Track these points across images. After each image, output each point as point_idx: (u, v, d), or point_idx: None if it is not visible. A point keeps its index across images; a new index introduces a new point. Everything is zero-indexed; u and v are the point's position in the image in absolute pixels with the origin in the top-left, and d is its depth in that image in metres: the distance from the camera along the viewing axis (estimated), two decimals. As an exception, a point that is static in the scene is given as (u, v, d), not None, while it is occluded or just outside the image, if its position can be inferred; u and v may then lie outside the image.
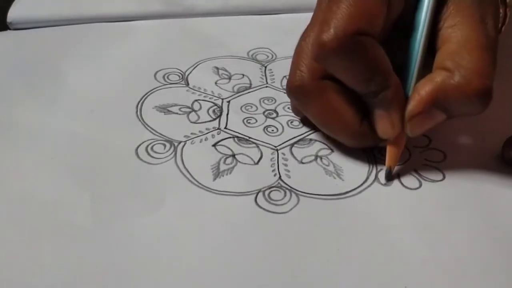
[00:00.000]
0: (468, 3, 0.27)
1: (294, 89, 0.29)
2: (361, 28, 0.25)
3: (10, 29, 0.41)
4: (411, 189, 0.28)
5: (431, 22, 0.27)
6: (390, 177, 0.28)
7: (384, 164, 0.29)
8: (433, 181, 0.28)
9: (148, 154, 0.29)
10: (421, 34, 0.27)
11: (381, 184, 0.28)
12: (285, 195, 0.27)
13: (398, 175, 0.29)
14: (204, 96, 0.34)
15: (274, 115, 0.33)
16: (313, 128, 0.31)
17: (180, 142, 0.30)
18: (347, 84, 0.27)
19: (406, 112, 0.27)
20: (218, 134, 0.31)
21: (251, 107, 0.34)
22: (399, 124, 0.27)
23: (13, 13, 0.41)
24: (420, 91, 0.26)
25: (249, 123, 0.32)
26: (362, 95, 0.27)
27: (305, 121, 0.32)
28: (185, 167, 0.28)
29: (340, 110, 0.28)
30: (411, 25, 0.28)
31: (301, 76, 0.28)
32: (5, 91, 0.34)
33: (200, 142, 0.30)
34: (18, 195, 0.26)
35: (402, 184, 0.28)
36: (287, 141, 0.31)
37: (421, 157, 0.30)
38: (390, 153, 0.28)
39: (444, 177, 0.29)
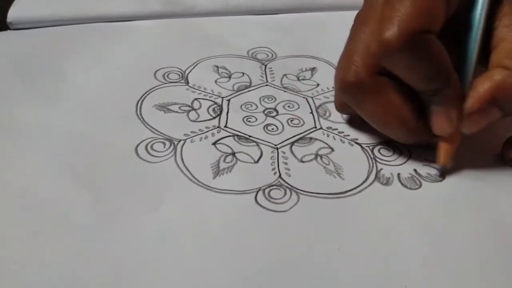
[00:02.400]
0: None
1: (350, 85, 0.28)
2: (425, 26, 0.25)
3: (10, 29, 0.41)
4: (411, 189, 0.28)
5: (486, 21, 0.27)
6: (444, 175, 0.29)
7: (384, 163, 0.29)
8: (433, 181, 0.28)
9: (148, 152, 0.29)
10: (477, 32, 0.27)
11: (381, 183, 0.28)
12: (285, 194, 0.27)
13: (398, 175, 0.29)
14: (204, 95, 0.34)
15: (274, 113, 0.33)
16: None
17: (180, 141, 0.30)
18: (407, 82, 0.27)
19: (465, 109, 0.27)
20: (218, 133, 0.31)
21: (251, 105, 0.34)
22: (456, 121, 0.27)
23: (13, 13, 0.41)
24: (479, 89, 0.26)
25: (249, 121, 0.32)
26: (420, 92, 0.27)
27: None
28: (185, 165, 0.28)
29: (398, 106, 0.28)
30: (465, 24, 0.28)
31: (356, 71, 0.28)
32: (5, 91, 0.34)
33: (200, 140, 0.30)
34: (18, 193, 0.26)
35: (402, 184, 0.28)
36: (287, 139, 0.31)
37: (421, 157, 0.30)
38: (444, 150, 0.28)
39: (444, 177, 0.29)
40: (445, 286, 0.23)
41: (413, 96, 0.28)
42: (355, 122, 0.32)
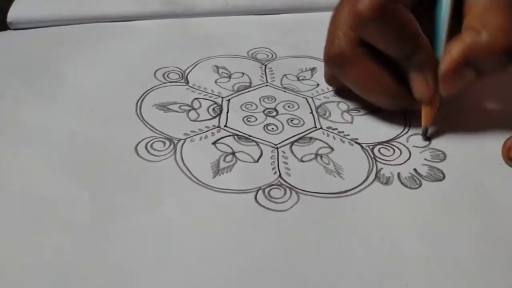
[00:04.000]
0: None
1: (334, 57, 0.30)
2: None
3: (10, 29, 0.41)
4: (411, 188, 0.28)
5: None
6: (426, 136, 0.31)
7: (384, 163, 0.29)
8: (433, 180, 0.28)
9: (148, 151, 0.29)
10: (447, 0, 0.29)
11: (381, 183, 0.28)
12: (285, 193, 0.27)
13: (398, 175, 0.29)
14: (204, 95, 0.34)
15: (274, 113, 0.33)
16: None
17: (179, 140, 0.30)
18: (382, 49, 0.29)
19: (439, 72, 0.29)
20: (218, 132, 0.31)
21: (251, 105, 0.34)
22: (433, 84, 0.29)
23: (13, 13, 0.41)
24: (451, 51, 0.28)
25: (249, 121, 0.32)
26: (396, 59, 0.29)
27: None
28: (184, 164, 0.28)
29: (379, 73, 0.30)
30: None
31: (339, 44, 0.30)
32: (5, 91, 0.34)
33: (200, 140, 0.30)
34: (17, 193, 0.26)
35: (402, 183, 0.28)
36: (287, 139, 0.31)
37: (421, 157, 0.30)
38: (425, 113, 0.31)
39: (444, 177, 0.29)
40: (445, 286, 0.23)
41: (391, 66, 0.30)
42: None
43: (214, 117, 0.32)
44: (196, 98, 0.34)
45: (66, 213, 0.25)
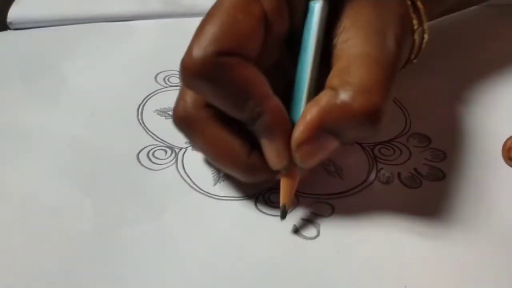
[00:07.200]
0: (364, 16, 0.24)
1: (178, 121, 0.26)
2: (225, 48, 0.22)
3: (10, 29, 0.41)
4: (411, 188, 0.28)
5: (320, 40, 0.24)
6: (284, 216, 0.26)
7: (384, 163, 0.29)
8: (433, 180, 0.28)
9: (150, 160, 0.29)
10: (310, 53, 0.24)
11: (381, 182, 0.28)
12: (285, 197, 0.27)
13: (398, 174, 0.29)
14: (204, 99, 0.34)
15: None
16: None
17: (181, 149, 0.30)
18: (222, 109, 0.24)
19: (292, 139, 0.23)
20: (218, 139, 0.31)
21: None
22: (285, 153, 0.24)
23: (13, 13, 0.41)
24: (306, 115, 0.23)
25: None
26: (243, 122, 0.24)
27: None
28: (186, 172, 0.29)
29: (226, 140, 0.25)
30: (300, 44, 0.25)
31: (184, 105, 0.25)
32: (5, 92, 0.34)
33: (201, 147, 0.30)
34: (18, 201, 0.26)
35: (402, 183, 0.28)
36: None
37: (421, 156, 0.30)
38: (283, 187, 0.25)
39: (444, 177, 0.29)
40: (445, 286, 0.23)
41: (245, 130, 0.25)
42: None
43: (214, 123, 0.32)
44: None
45: (68, 221, 0.26)
